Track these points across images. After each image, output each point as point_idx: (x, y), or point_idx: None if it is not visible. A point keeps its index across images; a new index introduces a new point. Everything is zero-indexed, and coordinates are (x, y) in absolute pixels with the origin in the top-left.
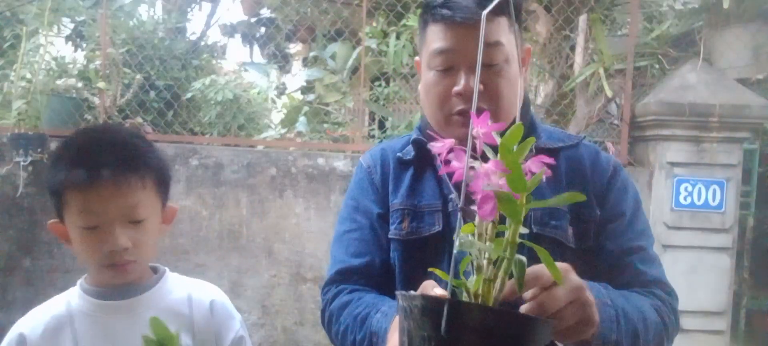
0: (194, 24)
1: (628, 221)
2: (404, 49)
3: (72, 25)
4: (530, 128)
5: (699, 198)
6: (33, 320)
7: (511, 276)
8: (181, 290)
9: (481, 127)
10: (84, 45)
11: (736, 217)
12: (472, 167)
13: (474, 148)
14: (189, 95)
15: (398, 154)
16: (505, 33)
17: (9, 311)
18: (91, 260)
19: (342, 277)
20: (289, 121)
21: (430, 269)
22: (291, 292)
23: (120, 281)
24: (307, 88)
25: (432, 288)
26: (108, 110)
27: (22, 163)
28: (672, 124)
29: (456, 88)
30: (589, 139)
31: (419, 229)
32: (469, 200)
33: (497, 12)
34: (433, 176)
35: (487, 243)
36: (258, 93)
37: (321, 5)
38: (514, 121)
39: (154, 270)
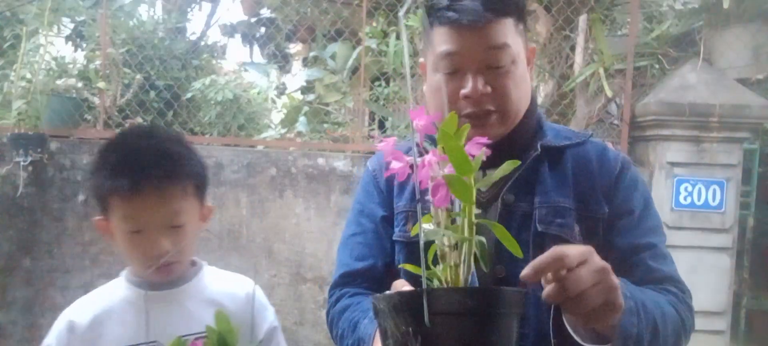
0: (194, 24)
1: (638, 218)
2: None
3: (72, 25)
4: (537, 127)
5: (699, 198)
6: (81, 309)
7: (476, 258)
8: (218, 282)
9: (418, 120)
10: (84, 45)
11: (736, 217)
12: (410, 165)
13: (418, 146)
14: (189, 95)
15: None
16: (511, 34)
17: (9, 311)
18: (137, 261)
19: (345, 280)
20: (289, 121)
21: (400, 266)
22: (291, 292)
23: (163, 279)
24: (307, 88)
25: (402, 286)
26: (108, 110)
27: (22, 163)
28: (672, 124)
29: (463, 91)
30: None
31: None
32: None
33: (503, 13)
34: None
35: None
36: (258, 93)
37: (321, 5)
38: (522, 122)
39: (193, 263)
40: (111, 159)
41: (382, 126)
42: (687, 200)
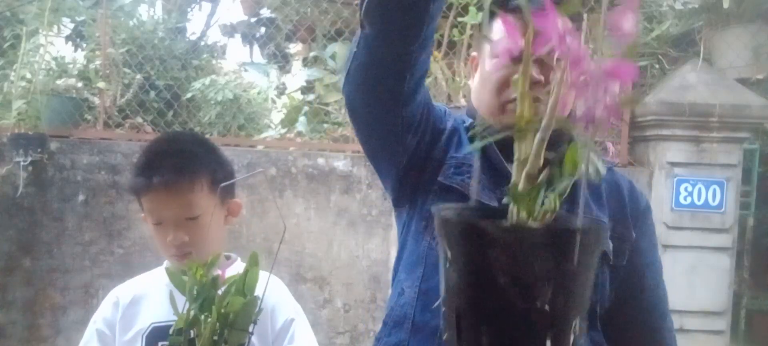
0: (194, 24)
1: (658, 259)
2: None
3: (72, 25)
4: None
5: (699, 198)
6: (126, 288)
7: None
8: None
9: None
10: (84, 45)
11: (736, 217)
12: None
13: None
14: (189, 95)
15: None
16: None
17: (9, 311)
18: (161, 249)
19: None
20: (289, 121)
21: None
22: (291, 292)
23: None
24: (307, 88)
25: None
26: (108, 110)
27: (22, 163)
28: (672, 124)
29: (535, 76)
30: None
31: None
32: None
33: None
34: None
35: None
36: (258, 93)
37: (321, 5)
38: (569, 115)
39: (227, 257)
40: (140, 162)
41: None
42: (687, 200)
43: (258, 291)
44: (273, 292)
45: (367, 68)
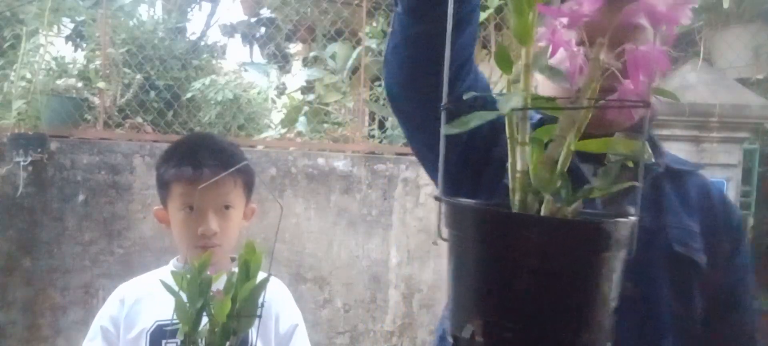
0: (194, 24)
1: (751, 278)
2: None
3: (72, 25)
4: (653, 144)
5: None
6: (132, 286)
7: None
8: None
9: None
10: (84, 45)
11: None
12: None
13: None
14: (189, 95)
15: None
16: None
17: (9, 311)
18: (186, 240)
19: None
20: (289, 121)
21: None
22: (291, 292)
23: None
24: (307, 88)
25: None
26: (108, 110)
27: (22, 163)
28: (672, 124)
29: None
30: None
31: None
32: None
33: None
34: None
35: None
36: (258, 93)
37: (321, 5)
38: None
39: (232, 259)
40: (176, 153)
41: (382, 126)
42: None
43: (271, 293)
44: (278, 295)
45: (401, 50)
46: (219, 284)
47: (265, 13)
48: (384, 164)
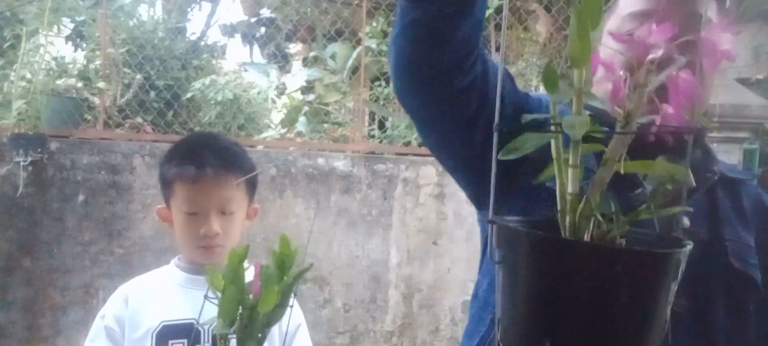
0: (194, 24)
1: None
2: None
3: (72, 25)
4: (706, 151)
5: None
6: (135, 285)
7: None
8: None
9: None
10: (84, 45)
11: None
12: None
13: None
14: (189, 95)
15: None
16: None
17: (9, 311)
18: (188, 240)
19: None
20: (289, 121)
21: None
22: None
23: (208, 261)
24: (307, 88)
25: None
26: (108, 110)
27: (22, 163)
28: None
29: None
30: None
31: None
32: None
33: None
34: None
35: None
36: (258, 93)
37: (321, 5)
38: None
39: None
40: (179, 152)
41: (382, 126)
42: None
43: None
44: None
45: (400, 39)
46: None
47: (265, 13)
48: (384, 164)
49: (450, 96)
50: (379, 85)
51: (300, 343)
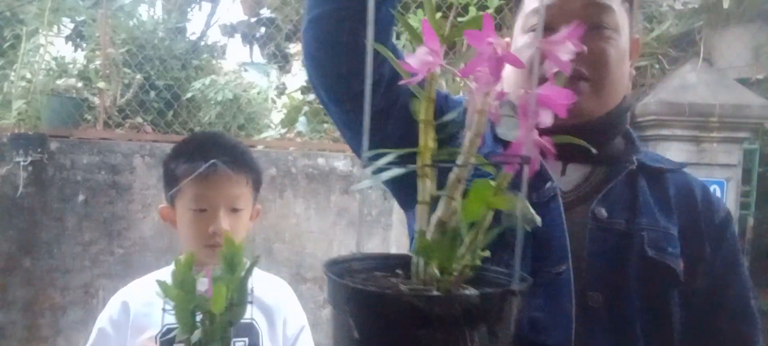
0: (194, 24)
1: (742, 280)
2: (404, 49)
3: (72, 25)
4: (628, 140)
5: None
6: (135, 290)
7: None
8: (258, 280)
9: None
10: (84, 45)
11: (736, 217)
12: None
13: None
14: (189, 95)
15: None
16: (617, 2)
17: (9, 311)
18: (195, 239)
19: None
20: (289, 121)
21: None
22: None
23: (214, 260)
24: (307, 88)
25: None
26: (108, 110)
27: (22, 163)
28: (672, 124)
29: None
30: None
31: None
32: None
33: None
34: None
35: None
36: (258, 93)
37: None
38: (614, 115)
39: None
40: (187, 150)
41: None
42: None
43: (277, 296)
44: (285, 298)
45: (307, 32)
46: (200, 285)
47: (265, 13)
48: None
49: (353, 97)
50: None
51: (304, 344)
